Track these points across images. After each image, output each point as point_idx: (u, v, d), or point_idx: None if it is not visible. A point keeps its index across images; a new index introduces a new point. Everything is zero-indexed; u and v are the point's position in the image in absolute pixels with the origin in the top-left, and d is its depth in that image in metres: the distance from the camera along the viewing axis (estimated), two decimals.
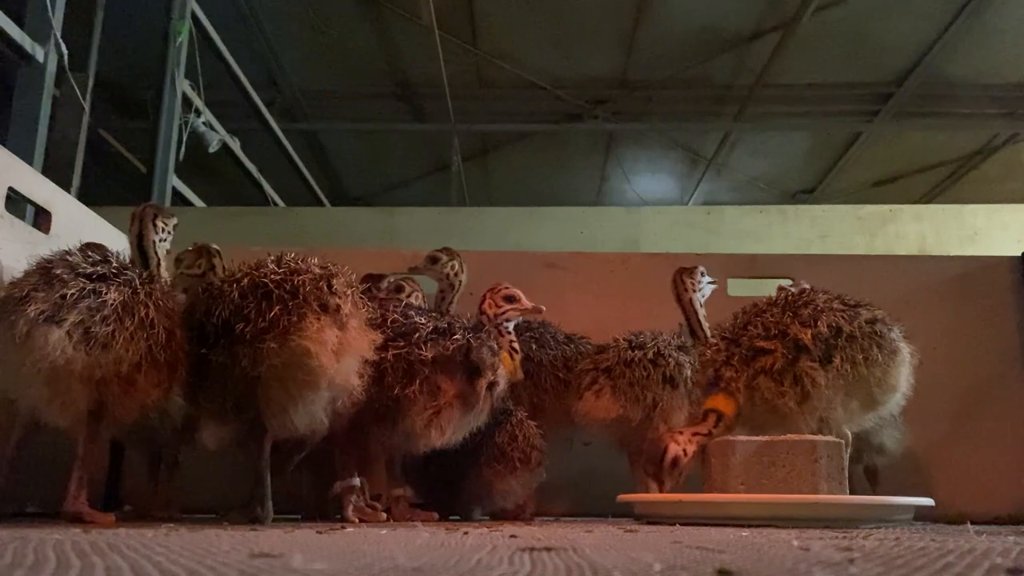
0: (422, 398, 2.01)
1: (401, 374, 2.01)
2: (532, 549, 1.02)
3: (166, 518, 2.19)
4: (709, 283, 2.67)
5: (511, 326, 2.39)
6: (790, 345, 2.07)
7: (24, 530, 1.45)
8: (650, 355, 2.48)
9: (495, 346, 2.17)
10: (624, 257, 3.31)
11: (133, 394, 1.81)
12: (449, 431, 2.09)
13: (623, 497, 2.14)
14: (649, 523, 1.96)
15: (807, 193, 9.36)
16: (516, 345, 2.36)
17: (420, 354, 2.01)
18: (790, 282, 2.71)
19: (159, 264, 2.18)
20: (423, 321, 2.09)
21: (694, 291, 2.62)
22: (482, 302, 2.41)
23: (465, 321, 2.20)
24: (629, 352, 2.49)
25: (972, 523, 2.04)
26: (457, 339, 2.06)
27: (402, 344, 2.02)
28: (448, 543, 1.23)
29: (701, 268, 2.65)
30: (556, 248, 5.15)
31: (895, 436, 2.60)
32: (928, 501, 1.92)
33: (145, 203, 2.27)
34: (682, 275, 2.64)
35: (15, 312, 1.66)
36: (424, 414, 2.03)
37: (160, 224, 2.21)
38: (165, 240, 2.23)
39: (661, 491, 2.07)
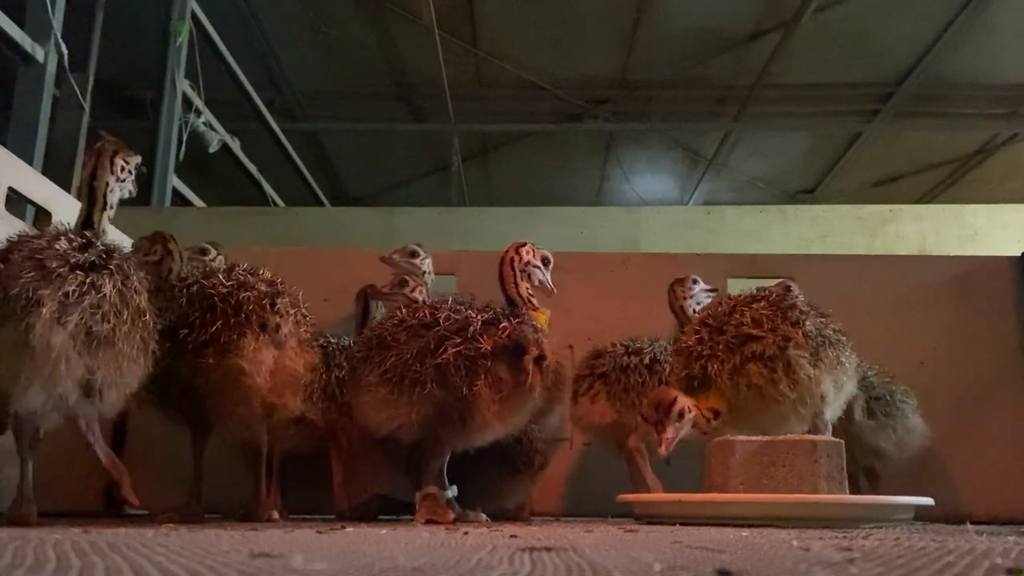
0: (488, 392, 1.94)
1: (465, 372, 1.92)
2: (532, 549, 1.02)
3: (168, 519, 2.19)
4: (705, 291, 2.67)
5: (535, 281, 2.32)
6: (780, 337, 2.09)
7: (24, 530, 1.45)
8: (646, 361, 2.49)
9: (535, 324, 2.11)
10: (624, 257, 3.31)
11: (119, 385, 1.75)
12: (513, 419, 2.05)
13: (623, 497, 2.14)
14: (649, 523, 1.96)
15: (807, 193, 9.36)
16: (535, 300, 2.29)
17: (480, 347, 1.94)
18: (776, 282, 2.72)
19: (104, 210, 1.93)
20: (473, 314, 2.01)
21: (685, 299, 2.64)
22: (512, 248, 2.30)
23: (497, 307, 2.13)
24: (625, 358, 2.50)
25: (972, 523, 2.05)
26: (505, 326, 1.99)
27: (459, 340, 1.94)
28: (448, 543, 1.23)
29: (693, 277, 2.67)
30: (556, 248, 5.12)
31: (892, 438, 2.60)
32: (928, 501, 1.92)
33: (107, 137, 2.02)
34: (674, 285, 2.67)
35: (29, 315, 1.58)
36: (492, 408, 1.96)
37: (120, 162, 1.97)
38: (124, 182, 1.99)
39: (661, 440, 2.02)
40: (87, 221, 1.90)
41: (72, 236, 1.75)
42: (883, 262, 3.37)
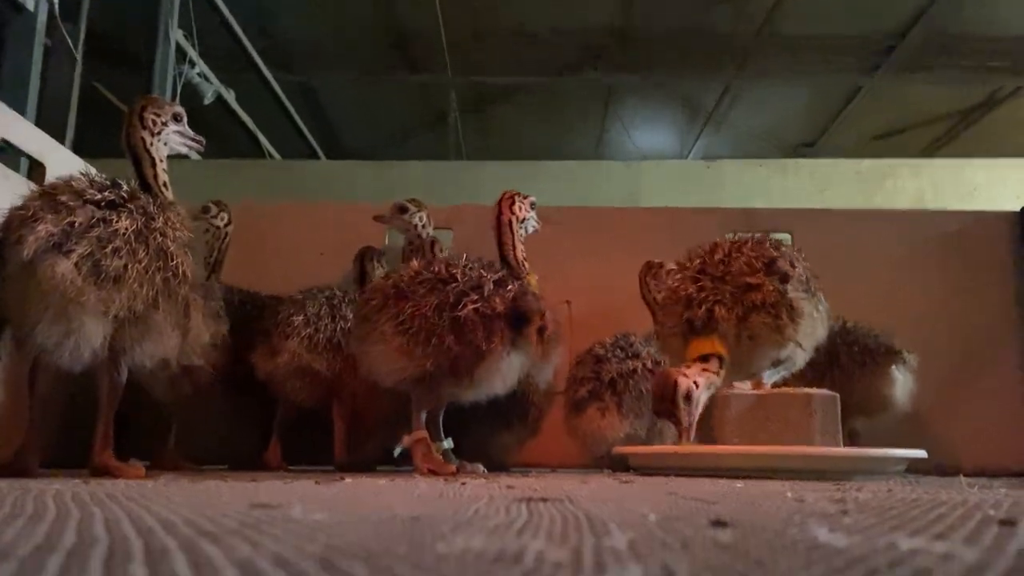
0: (500, 349, 1.96)
1: (483, 329, 1.93)
2: (529, 500, 1.03)
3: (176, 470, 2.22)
4: None
5: (529, 231, 2.33)
6: (775, 279, 2.08)
7: (24, 481, 1.47)
8: (648, 364, 2.43)
9: (536, 293, 2.12)
10: (621, 212, 3.30)
11: (151, 335, 1.74)
12: (512, 379, 2.07)
13: (619, 450, 2.16)
14: (645, 475, 1.98)
15: (807, 147, 9.29)
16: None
17: (494, 307, 1.95)
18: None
19: (153, 166, 1.92)
20: (485, 273, 2.03)
21: (660, 291, 2.52)
22: (505, 206, 2.30)
23: (500, 268, 2.14)
24: (629, 362, 2.43)
25: (964, 475, 2.07)
26: (511, 289, 2.01)
27: (477, 298, 1.95)
28: (446, 494, 1.24)
29: (668, 267, 2.53)
30: (554, 203, 5.12)
31: (883, 393, 2.61)
32: (921, 454, 1.93)
33: (141, 97, 2.02)
34: (646, 277, 2.60)
35: (24, 229, 1.56)
36: (497, 364, 1.98)
37: (150, 117, 1.94)
38: (161, 134, 1.95)
39: (679, 431, 1.97)
40: (142, 182, 1.90)
41: (97, 179, 1.74)
42: (880, 217, 3.36)
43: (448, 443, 2.23)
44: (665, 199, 5.44)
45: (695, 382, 1.98)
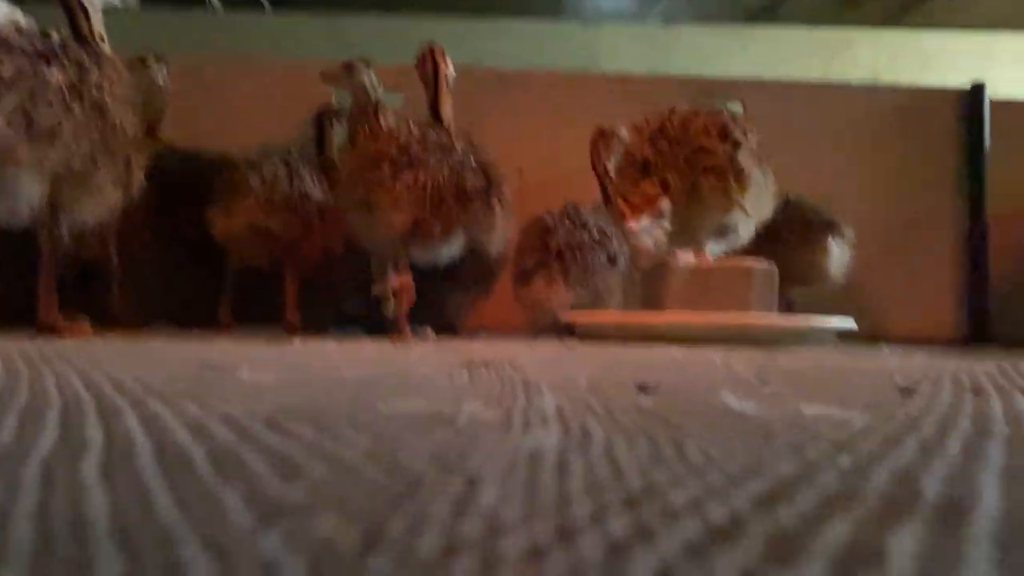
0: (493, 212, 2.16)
1: (480, 195, 2.11)
2: (472, 364, 1.08)
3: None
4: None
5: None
6: (730, 146, 2.12)
7: None
8: (596, 235, 2.39)
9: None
10: (582, 78, 3.26)
11: (90, 193, 1.72)
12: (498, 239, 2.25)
13: (565, 316, 2.23)
14: (589, 341, 2.06)
15: (767, 10, 9.12)
16: None
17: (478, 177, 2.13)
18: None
19: (88, 16, 1.83)
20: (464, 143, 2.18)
21: (608, 160, 2.45)
22: (440, 57, 2.41)
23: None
24: (577, 232, 2.39)
25: (896, 343, 2.20)
26: (482, 160, 2.16)
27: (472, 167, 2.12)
28: (394, 357, 1.29)
29: (620, 135, 2.45)
30: (511, 63, 5.01)
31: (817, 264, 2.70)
32: (849, 323, 2.03)
33: None
34: (598, 143, 2.44)
35: None
36: (489, 223, 2.18)
37: None
38: None
39: (632, 218, 2.10)
40: (75, 33, 1.81)
41: (28, 29, 1.67)
42: (834, 91, 3.36)
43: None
44: (624, 63, 5.35)
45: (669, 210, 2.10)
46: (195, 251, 2.60)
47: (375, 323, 2.33)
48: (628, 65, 5.36)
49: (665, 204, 2.05)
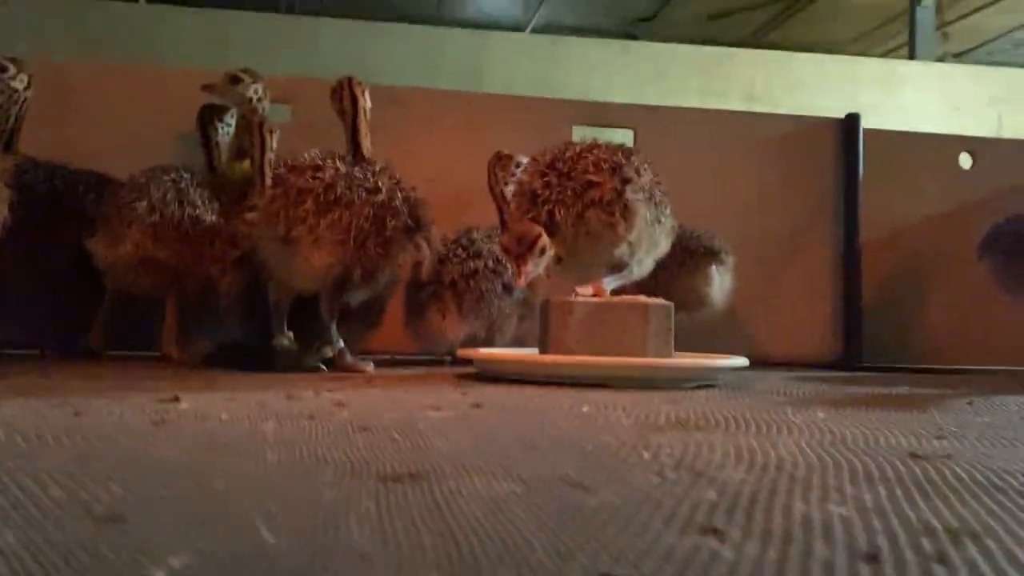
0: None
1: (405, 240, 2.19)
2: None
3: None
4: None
5: None
6: (618, 181, 2.12)
7: None
8: (491, 264, 2.41)
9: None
10: (470, 96, 3.23)
11: None
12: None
13: (464, 352, 2.19)
14: (487, 379, 2.03)
15: (646, 21, 9.35)
16: None
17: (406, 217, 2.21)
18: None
19: None
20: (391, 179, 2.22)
21: (506, 184, 2.41)
22: (359, 91, 2.33)
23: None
24: (470, 262, 2.40)
25: (772, 364, 2.25)
26: (409, 197, 2.25)
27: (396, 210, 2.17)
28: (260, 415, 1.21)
29: (518, 160, 2.46)
30: (396, 71, 4.93)
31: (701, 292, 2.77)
32: (742, 361, 2.07)
33: None
34: (495, 167, 2.39)
35: None
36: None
37: None
38: None
39: (518, 274, 2.04)
40: None
41: None
42: (720, 117, 3.45)
43: (290, 337, 2.21)
44: (510, 74, 5.36)
45: (549, 245, 2.05)
46: (63, 273, 2.44)
47: (262, 354, 2.22)
48: (514, 74, 5.37)
49: (543, 241, 2.02)
